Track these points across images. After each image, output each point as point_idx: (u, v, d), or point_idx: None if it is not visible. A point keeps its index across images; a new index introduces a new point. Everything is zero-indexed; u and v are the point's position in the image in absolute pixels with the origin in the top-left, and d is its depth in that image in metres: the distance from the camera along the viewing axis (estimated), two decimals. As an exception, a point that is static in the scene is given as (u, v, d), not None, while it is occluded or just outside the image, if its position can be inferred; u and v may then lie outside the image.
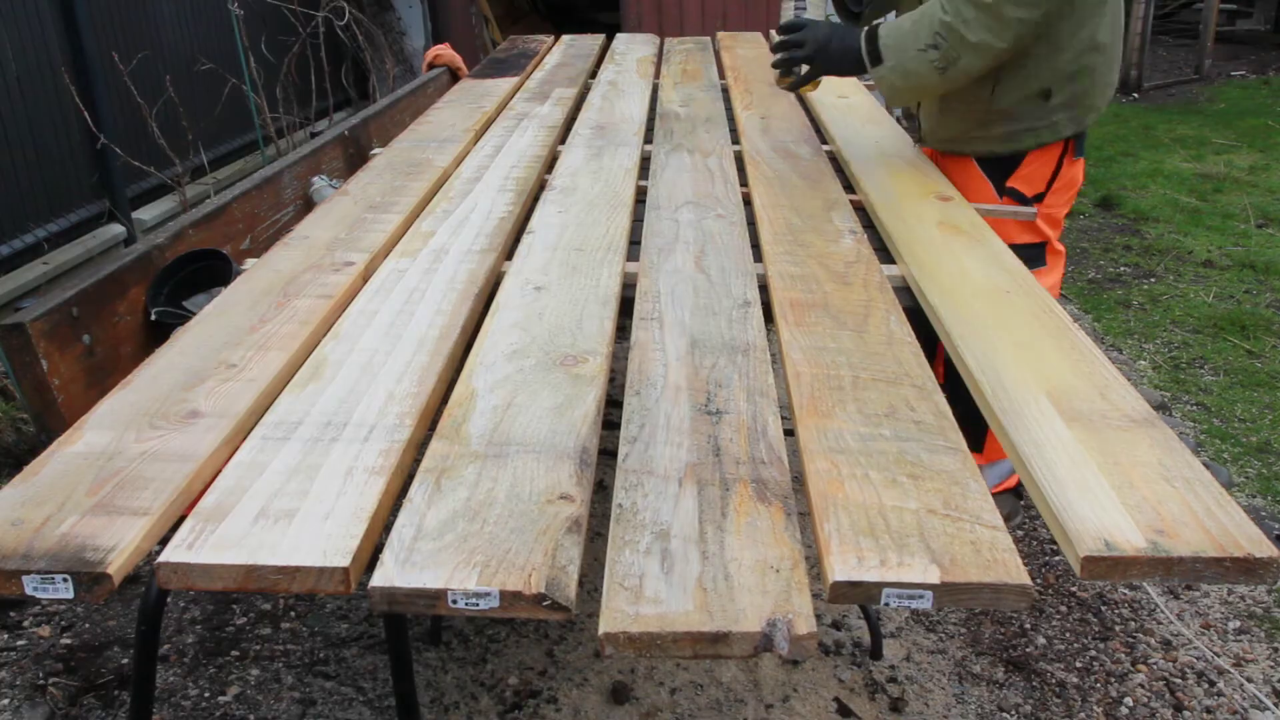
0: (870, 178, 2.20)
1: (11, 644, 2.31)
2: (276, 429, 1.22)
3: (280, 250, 1.82)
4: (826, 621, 2.34)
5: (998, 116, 2.14)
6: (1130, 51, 8.22)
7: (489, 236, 1.88)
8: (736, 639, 0.91)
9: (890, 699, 2.12)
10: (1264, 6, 10.40)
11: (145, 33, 4.61)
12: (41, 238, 3.92)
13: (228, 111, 4.98)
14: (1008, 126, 2.15)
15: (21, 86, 3.82)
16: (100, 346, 1.59)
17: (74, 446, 1.19)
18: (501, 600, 0.95)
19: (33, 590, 0.98)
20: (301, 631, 2.36)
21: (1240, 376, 3.55)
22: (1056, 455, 1.15)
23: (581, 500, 1.08)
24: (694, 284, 1.66)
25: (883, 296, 1.61)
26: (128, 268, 1.72)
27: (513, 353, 1.42)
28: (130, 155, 4.25)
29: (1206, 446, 3.11)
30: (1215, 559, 0.99)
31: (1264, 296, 4.23)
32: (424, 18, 6.58)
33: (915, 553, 0.99)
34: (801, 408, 1.28)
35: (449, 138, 2.57)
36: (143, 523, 1.05)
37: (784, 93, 3.09)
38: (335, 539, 1.01)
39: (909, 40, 2.00)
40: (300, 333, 1.49)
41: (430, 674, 2.19)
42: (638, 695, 2.12)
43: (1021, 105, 2.11)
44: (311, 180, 2.41)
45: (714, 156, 2.39)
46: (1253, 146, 6.47)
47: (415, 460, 1.20)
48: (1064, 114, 2.12)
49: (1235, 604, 2.42)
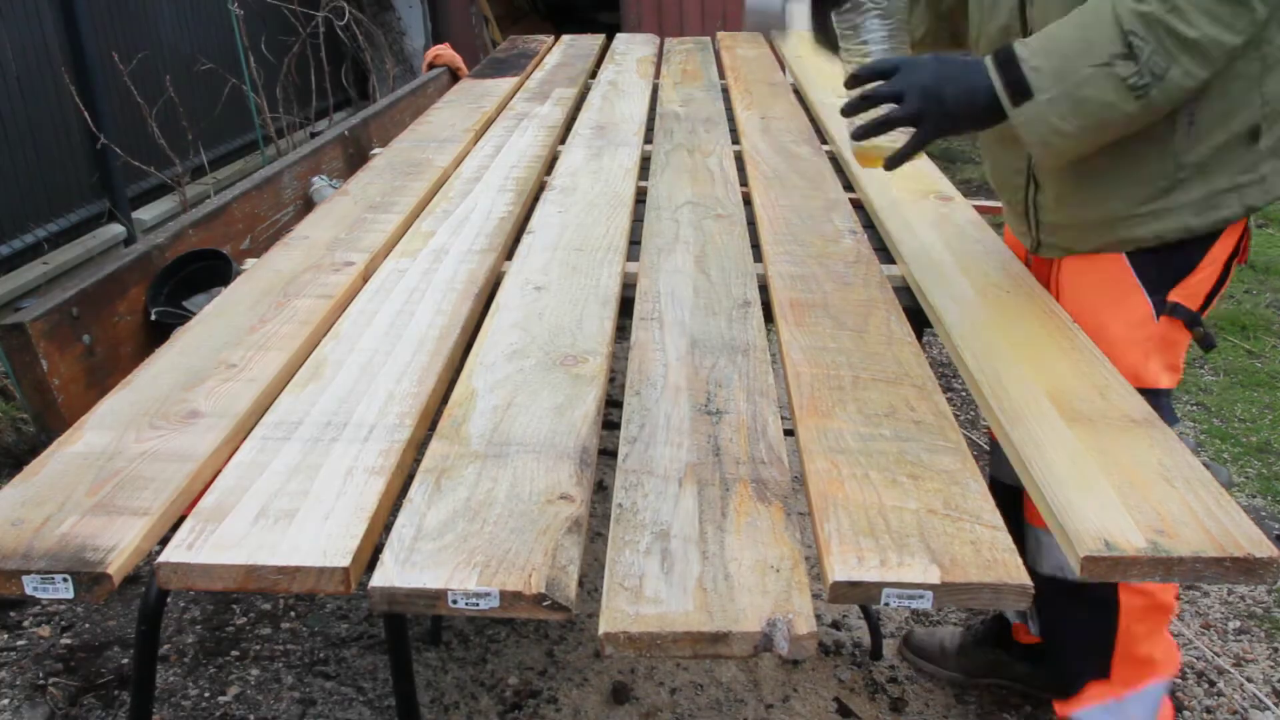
0: (870, 178, 2.20)
1: (11, 644, 2.31)
2: (276, 429, 1.22)
3: (280, 250, 1.82)
4: (826, 621, 2.34)
5: (1194, 172, 1.43)
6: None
7: (489, 236, 1.88)
8: (736, 639, 0.91)
9: (890, 699, 2.12)
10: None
11: (145, 33, 4.61)
12: (41, 238, 3.92)
13: (228, 111, 4.98)
14: (1205, 187, 1.43)
15: (21, 86, 3.82)
16: (100, 346, 1.59)
17: (74, 446, 1.19)
18: (501, 600, 0.95)
19: (33, 590, 0.98)
20: (301, 631, 2.36)
21: (1240, 376, 3.55)
22: (1056, 455, 1.15)
23: (581, 500, 1.08)
24: (694, 284, 1.66)
25: (883, 296, 1.61)
26: (128, 268, 1.72)
27: (513, 353, 1.42)
28: (130, 155, 4.24)
29: (1206, 446, 3.11)
30: (1215, 559, 0.99)
31: (1264, 296, 4.23)
32: (424, 18, 6.58)
33: (915, 553, 0.99)
34: (801, 408, 1.28)
35: (449, 138, 2.57)
36: (143, 523, 1.05)
37: (784, 93, 3.08)
38: (335, 539, 1.01)
39: (1078, 54, 1.33)
40: (300, 333, 1.49)
41: (430, 674, 2.19)
42: (638, 695, 2.12)
43: (1225, 152, 1.42)
44: (311, 180, 2.41)
45: (714, 156, 2.40)
46: (1253, 146, 6.46)
47: (415, 460, 1.20)
48: (1272, 163, 1.44)
49: (1235, 604, 2.42)
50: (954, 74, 1.39)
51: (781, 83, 3.25)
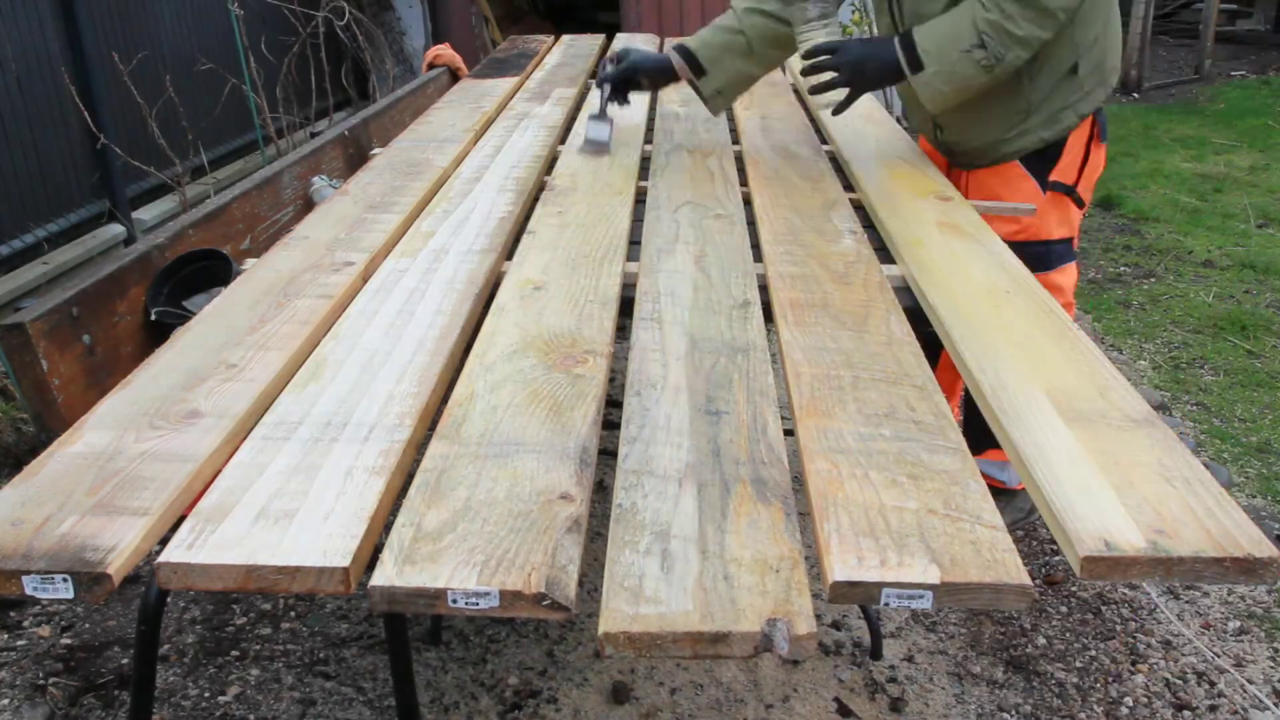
0: (870, 178, 2.20)
1: (11, 644, 2.31)
2: (276, 429, 1.22)
3: (280, 250, 1.82)
4: (826, 621, 2.34)
5: (1038, 104, 2.18)
6: (1130, 51, 8.21)
7: (489, 236, 1.88)
8: (736, 639, 0.91)
9: (890, 699, 2.12)
10: (1264, 6, 10.40)
11: (145, 33, 4.61)
12: (41, 238, 3.92)
13: (228, 111, 4.98)
14: (1048, 111, 2.18)
15: (21, 86, 3.82)
16: (100, 346, 1.59)
17: (74, 446, 1.19)
18: (501, 600, 0.95)
19: (33, 590, 0.98)
20: (301, 631, 2.36)
21: (1240, 376, 3.55)
22: (1056, 455, 1.15)
23: (581, 500, 1.08)
24: (694, 284, 1.66)
25: (883, 296, 1.61)
26: (128, 268, 1.72)
27: (513, 353, 1.42)
28: (130, 155, 4.24)
29: (1206, 446, 3.11)
30: (1215, 559, 0.99)
31: (1264, 296, 4.23)
32: (424, 18, 6.58)
33: (915, 553, 0.99)
34: (801, 408, 1.28)
35: (449, 138, 2.57)
36: (143, 523, 1.05)
37: (784, 93, 3.10)
38: (335, 539, 1.01)
39: (950, 43, 2.00)
40: (300, 333, 1.49)
41: (430, 674, 2.19)
42: (638, 695, 2.12)
43: (1058, 86, 2.16)
44: (311, 180, 2.41)
45: (714, 156, 2.39)
46: (1253, 146, 6.47)
47: (415, 460, 1.20)
48: (1092, 81, 2.18)
49: (1235, 604, 2.42)
50: (873, 52, 2.14)
51: (781, 83, 3.25)
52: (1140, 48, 8.20)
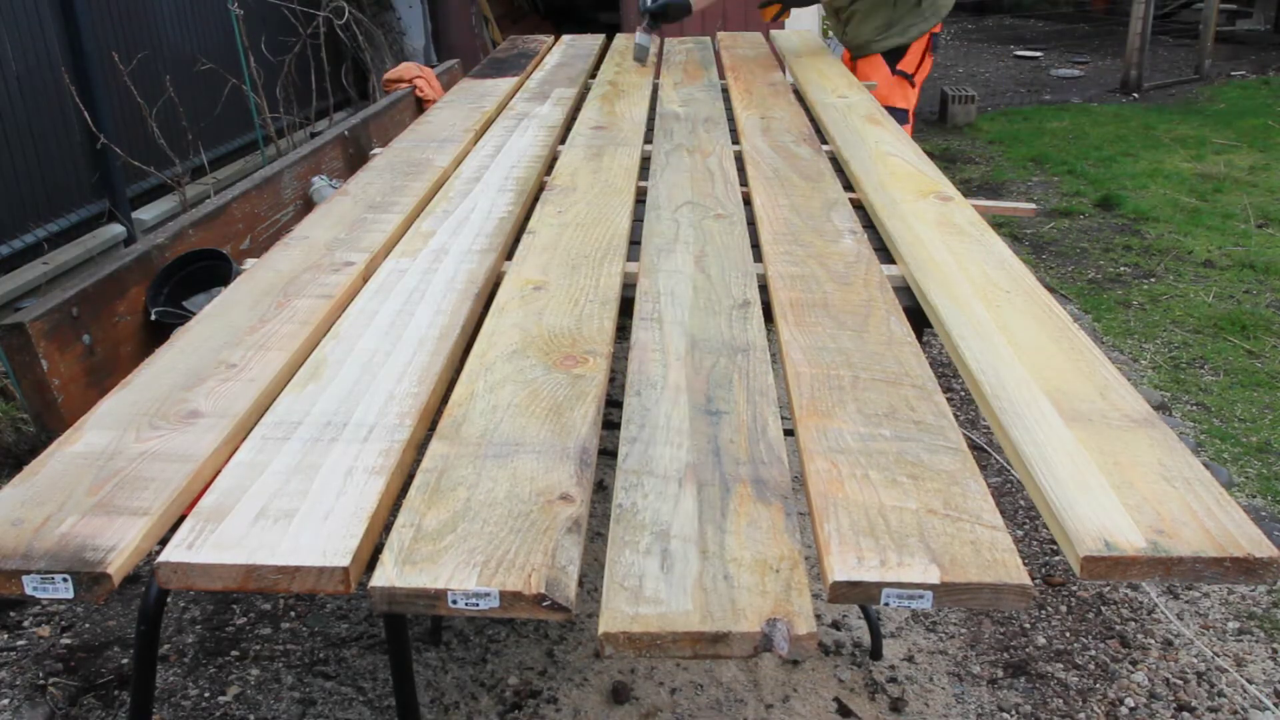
0: (870, 178, 2.20)
1: (11, 644, 2.31)
2: (276, 429, 1.22)
3: (280, 250, 1.82)
4: (826, 621, 2.34)
5: (896, 20, 3.49)
6: (1130, 51, 8.21)
7: (489, 236, 1.88)
8: (736, 639, 0.91)
9: (890, 699, 2.12)
10: (1264, 6, 10.40)
11: (145, 33, 4.61)
12: (41, 238, 3.92)
13: (228, 111, 4.98)
14: (902, 25, 3.50)
15: (21, 86, 3.82)
16: (100, 346, 1.60)
17: (74, 446, 1.19)
18: (501, 600, 0.95)
19: (33, 590, 0.98)
20: (301, 631, 2.36)
21: (1240, 376, 3.55)
22: (1056, 455, 1.15)
23: (581, 500, 1.08)
24: (694, 284, 1.66)
25: (883, 296, 1.61)
26: (128, 268, 1.72)
27: (513, 353, 1.42)
28: (130, 155, 4.24)
29: (1206, 446, 3.11)
30: (1215, 559, 0.99)
31: (1264, 296, 4.23)
32: (424, 18, 6.58)
33: (915, 553, 0.99)
34: (801, 408, 1.28)
35: (449, 138, 2.57)
36: (143, 523, 1.05)
37: (784, 93, 3.10)
38: (335, 539, 1.01)
39: None
40: (300, 333, 1.49)
41: (430, 674, 2.19)
42: (638, 695, 2.12)
43: (910, 11, 3.50)
44: (311, 180, 2.41)
45: (714, 156, 2.39)
46: (1253, 146, 6.47)
47: (415, 460, 1.20)
48: (930, 11, 3.51)
49: (1235, 604, 2.42)
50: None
51: (781, 83, 3.25)
52: (1140, 48, 8.20)
